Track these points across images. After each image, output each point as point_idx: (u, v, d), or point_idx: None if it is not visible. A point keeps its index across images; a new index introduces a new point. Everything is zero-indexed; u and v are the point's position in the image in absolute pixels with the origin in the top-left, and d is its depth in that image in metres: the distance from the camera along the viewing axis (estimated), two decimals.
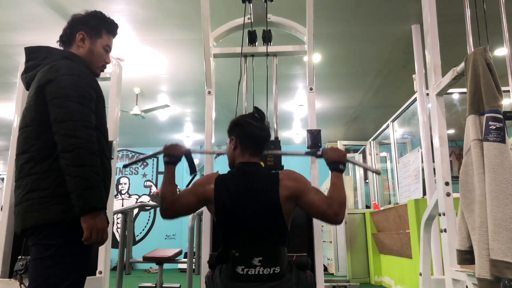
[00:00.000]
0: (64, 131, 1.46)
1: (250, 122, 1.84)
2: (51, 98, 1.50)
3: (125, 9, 4.37)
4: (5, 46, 5.00)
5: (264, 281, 1.65)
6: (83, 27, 1.70)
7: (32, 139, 1.54)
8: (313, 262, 2.26)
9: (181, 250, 3.89)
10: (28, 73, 1.66)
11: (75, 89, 1.52)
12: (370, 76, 6.16)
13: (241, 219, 1.72)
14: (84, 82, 1.56)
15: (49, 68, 1.56)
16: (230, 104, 6.96)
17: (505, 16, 2.13)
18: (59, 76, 1.52)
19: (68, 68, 1.56)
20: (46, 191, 1.49)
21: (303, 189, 1.74)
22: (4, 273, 2.46)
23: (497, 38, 2.18)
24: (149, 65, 5.75)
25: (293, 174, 1.79)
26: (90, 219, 1.45)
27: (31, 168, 1.52)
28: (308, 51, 2.60)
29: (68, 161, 1.44)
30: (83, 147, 1.46)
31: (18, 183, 1.56)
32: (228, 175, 1.82)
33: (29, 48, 1.69)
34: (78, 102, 1.50)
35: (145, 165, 10.47)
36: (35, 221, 1.48)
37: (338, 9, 4.40)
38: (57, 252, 1.48)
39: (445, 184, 2.12)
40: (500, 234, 1.59)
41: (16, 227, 1.56)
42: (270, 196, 1.71)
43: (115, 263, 4.57)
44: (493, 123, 1.71)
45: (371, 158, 6.43)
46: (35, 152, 1.53)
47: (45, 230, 1.48)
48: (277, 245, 1.71)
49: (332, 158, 1.86)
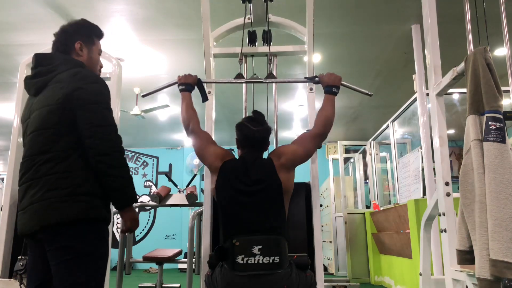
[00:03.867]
0: (101, 135, 1.56)
1: (246, 125, 2.03)
2: (84, 104, 1.58)
3: (125, 9, 4.36)
4: (5, 46, 5.00)
5: (263, 269, 1.67)
6: (78, 36, 1.78)
7: (52, 141, 1.59)
8: (313, 262, 2.26)
9: (181, 250, 3.89)
10: (39, 78, 1.70)
11: (103, 97, 1.65)
12: (370, 76, 6.16)
13: (240, 203, 1.80)
14: (105, 89, 1.68)
15: (72, 75, 1.63)
16: (230, 104, 6.96)
17: (505, 16, 2.13)
18: (88, 84, 1.62)
19: (91, 77, 1.67)
20: (67, 189, 1.55)
21: (292, 155, 1.97)
22: (4, 273, 2.46)
23: (497, 38, 2.18)
24: (149, 65, 5.75)
25: (278, 150, 2.02)
26: (129, 211, 1.65)
27: (51, 168, 1.57)
28: (308, 51, 2.60)
29: (107, 163, 1.56)
30: (119, 150, 1.61)
31: (34, 182, 1.59)
32: (234, 160, 2.01)
33: (39, 55, 1.75)
34: (108, 108, 1.64)
35: (145, 165, 10.48)
36: (58, 218, 1.52)
37: (338, 9, 4.40)
38: (79, 253, 1.53)
39: (445, 184, 2.12)
40: (500, 234, 1.59)
41: (32, 225, 1.57)
42: (269, 176, 1.87)
43: (115, 263, 4.57)
44: (493, 123, 1.71)
45: (371, 158, 6.43)
46: (55, 153, 1.58)
47: (65, 229, 1.53)
48: (276, 234, 1.75)
49: (328, 82, 2.16)
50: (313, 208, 2.38)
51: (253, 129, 2.00)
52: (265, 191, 1.84)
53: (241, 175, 1.89)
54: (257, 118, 2.07)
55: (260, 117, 2.07)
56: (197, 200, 3.51)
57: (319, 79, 2.19)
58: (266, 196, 1.83)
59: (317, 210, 2.38)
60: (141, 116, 6.84)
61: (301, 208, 2.40)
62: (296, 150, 1.99)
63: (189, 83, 2.27)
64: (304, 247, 2.32)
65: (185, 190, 3.71)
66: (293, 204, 1.98)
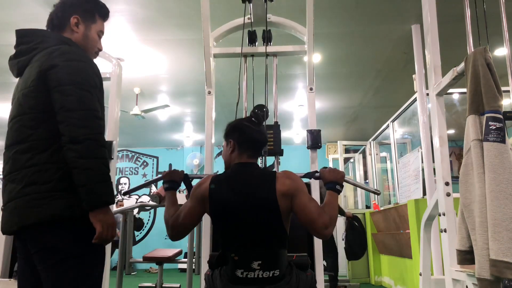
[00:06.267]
0: (73, 120, 1.34)
1: (249, 126, 1.85)
2: (57, 85, 1.37)
3: (125, 9, 4.36)
4: (5, 46, 5.00)
5: (263, 284, 1.65)
6: (77, 10, 1.58)
7: (30, 128, 1.40)
8: (313, 262, 2.26)
9: (181, 250, 3.89)
10: (20, 58, 1.53)
11: (82, 76, 1.41)
12: (370, 76, 6.16)
13: (238, 218, 1.71)
14: (90, 69, 1.46)
15: (50, 53, 1.43)
16: (230, 104, 6.94)
17: (505, 16, 2.13)
18: (64, 62, 1.40)
19: (72, 54, 1.45)
20: (47, 184, 1.36)
21: (299, 189, 1.72)
22: (4, 273, 2.46)
23: (497, 38, 2.18)
24: (149, 65, 5.75)
25: (291, 174, 1.79)
26: (101, 214, 1.35)
27: (29, 160, 1.38)
28: (308, 51, 2.60)
29: (77, 153, 1.32)
30: (94, 138, 1.35)
31: (13, 176, 1.41)
32: (224, 174, 1.82)
33: (21, 31, 1.56)
34: (87, 90, 1.40)
35: (145, 165, 10.48)
36: (38, 217, 1.33)
37: (338, 9, 4.40)
38: (67, 255, 1.35)
39: (445, 184, 2.12)
40: (500, 234, 1.59)
41: (11, 225, 1.39)
42: (266, 192, 1.69)
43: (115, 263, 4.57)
44: (493, 123, 1.71)
45: (371, 158, 6.43)
46: (33, 142, 1.39)
47: (48, 229, 1.34)
48: (276, 248, 1.71)
49: (329, 179, 1.88)
50: None
51: (257, 131, 1.85)
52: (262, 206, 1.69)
53: (237, 187, 1.73)
54: (259, 120, 1.90)
55: (261, 119, 1.92)
56: None
57: (320, 175, 1.94)
58: (264, 210, 1.70)
59: None
60: (141, 116, 6.84)
61: None
62: (306, 206, 1.70)
63: (174, 181, 2.02)
64: (304, 247, 2.32)
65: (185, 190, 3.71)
66: None
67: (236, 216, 1.71)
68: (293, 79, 6.14)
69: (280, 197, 1.69)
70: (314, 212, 1.69)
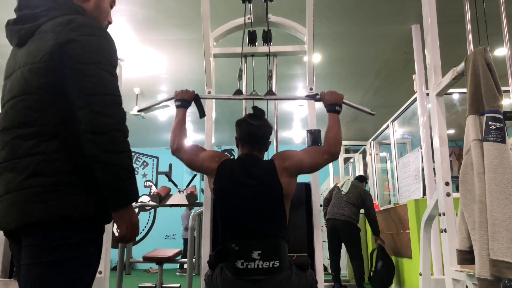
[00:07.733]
0: (96, 107, 1.15)
1: (247, 121, 1.98)
2: (75, 62, 1.18)
3: (125, 9, 4.36)
4: (5, 46, 4.98)
5: (263, 274, 1.67)
6: None
7: (37, 110, 1.19)
8: (313, 262, 2.26)
9: (181, 250, 3.90)
10: (24, 25, 1.33)
11: (106, 54, 1.23)
12: (370, 76, 6.16)
13: (239, 206, 1.77)
14: (113, 46, 1.27)
15: (65, 24, 1.23)
16: (230, 104, 6.97)
17: (505, 16, 2.13)
18: (83, 36, 1.21)
19: (91, 27, 1.25)
20: (55, 177, 1.16)
21: (298, 161, 1.89)
22: (4, 273, 2.46)
23: (497, 38, 2.18)
24: (149, 65, 5.75)
25: (284, 153, 1.94)
26: (126, 214, 1.20)
27: (34, 147, 1.17)
28: (308, 51, 2.60)
29: (101, 145, 1.14)
30: (119, 129, 1.18)
31: (11, 164, 1.19)
32: (231, 161, 1.95)
33: None
34: (109, 71, 1.22)
35: (145, 165, 10.48)
36: (42, 215, 1.14)
37: (338, 9, 4.40)
38: (62, 257, 1.15)
39: (445, 184, 2.12)
40: (500, 234, 1.59)
41: (8, 222, 1.17)
42: (269, 177, 1.82)
43: (115, 263, 4.57)
44: (493, 123, 1.71)
45: (371, 158, 6.43)
46: (40, 127, 1.19)
47: (50, 228, 1.15)
48: (276, 238, 1.74)
49: (330, 100, 2.03)
50: (313, 208, 2.38)
51: (254, 124, 1.95)
52: (265, 194, 1.79)
53: (240, 176, 1.83)
54: (257, 114, 2.02)
55: (260, 113, 2.03)
56: (197, 200, 3.52)
57: (321, 97, 2.09)
58: (266, 200, 1.78)
59: (317, 210, 2.39)
60: (141, 116, 6.84)
61: (301, 208, 2.40)
62: (303, 159, 1.90)
63: (186, 99, 2.14)
64: (304, 247, 2.32)
65: (185, 190, 3.72)
66: (293, 204, 1.97)
67: (237, 204, 1.78)
68: (293, 79, 6.14)
69: (281, 173, 1.83)
70: (319, 159, 1.93)
